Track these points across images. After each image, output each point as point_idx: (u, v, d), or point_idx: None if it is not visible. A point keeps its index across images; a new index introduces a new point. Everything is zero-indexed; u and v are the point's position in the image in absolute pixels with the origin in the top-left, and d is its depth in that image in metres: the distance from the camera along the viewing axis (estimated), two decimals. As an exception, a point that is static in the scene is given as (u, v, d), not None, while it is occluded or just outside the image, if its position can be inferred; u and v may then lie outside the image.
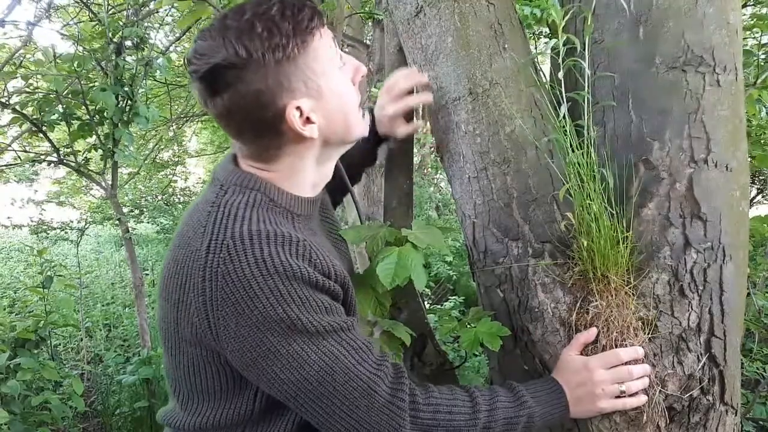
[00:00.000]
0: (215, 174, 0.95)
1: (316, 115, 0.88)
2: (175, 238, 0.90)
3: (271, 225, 0.84)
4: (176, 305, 0.84)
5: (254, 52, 0.80)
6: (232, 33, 0.81)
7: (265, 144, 0.89)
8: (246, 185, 0.90)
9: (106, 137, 3.17)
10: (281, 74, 0.83)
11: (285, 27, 0.82)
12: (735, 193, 1.15)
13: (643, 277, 1.11)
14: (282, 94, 0.84)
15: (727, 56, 1.15)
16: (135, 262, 3.50)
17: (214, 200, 0.88)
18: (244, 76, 0.81)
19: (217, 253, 0.79)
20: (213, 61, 0.81)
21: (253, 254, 0.79)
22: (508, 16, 1.22)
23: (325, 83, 0.88)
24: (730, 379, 1.13)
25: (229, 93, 0.83)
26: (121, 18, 3.44)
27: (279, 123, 0.86)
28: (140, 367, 3.20)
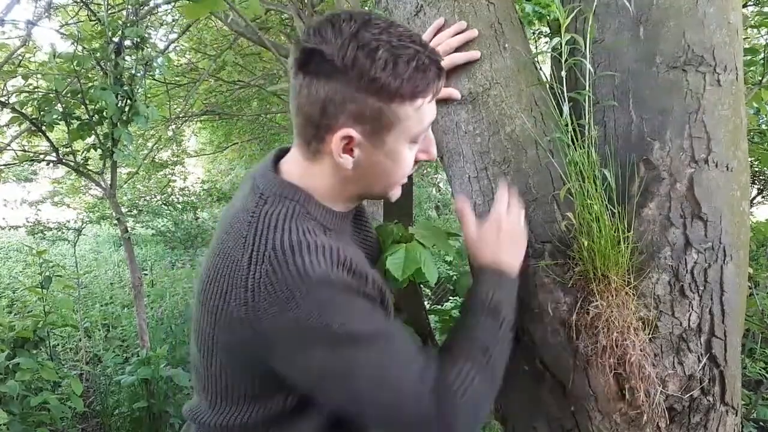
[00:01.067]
0: (255, 181, 0.93)
1: (361, 154, 0.87)
2: (215, 245, 0.91)
3: (309, 235, 0.84)
4: (215, 313, 0.84)
5: (358, 70, 0.79)
6: (357, 42, 0.79)
7: (308, 139, 0.88)
8: (285, 195, 0.89)
9: (106, 137, 3.17)
10: (362, 103, 0.81)
11: (404, 72, 0.80)
12: (735, 193, 1.15)
13: (643, 278, 1.11)
14: (347, 117, 0.83)
15: (727, 56, 1.15)
16: (134, 262, 3.49)
17: (254, 210, 0.88)
18: (333, 77, 0.80)
19: (260, 264, 0.80)
20: (322, 47, 0.79)
21: (295, 264, 0.79)
22: (508, 16, 1.22)
23: (393, 143, 0.87)
24: (730, 380, 1.13)
25: (312, 80, 0.82)
26: (121, 17, 3.44)
27: (326, 131, 0.85)
28: (139, 368, 3.19)
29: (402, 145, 0.88)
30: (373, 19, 0.81)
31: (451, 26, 1.18)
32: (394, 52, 0.79)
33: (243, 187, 1.00)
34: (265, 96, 8.45)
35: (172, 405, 3.32)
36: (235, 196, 1.01)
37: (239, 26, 5.35)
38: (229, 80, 7.62)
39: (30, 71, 3.29)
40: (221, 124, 9.88)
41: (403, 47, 0.79)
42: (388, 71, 0.79)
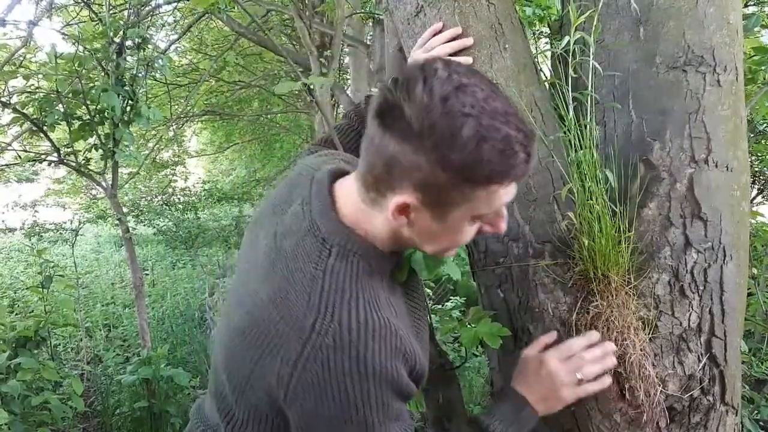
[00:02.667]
0: (313, 218, 0.88)
1: (417, 219, 0.81)
2: (265, 279, 0.87)
3: (374, 312, 0.82)
4: (257, 354, 0.83)
5: (436, 141, 0.70)
6: (444, 110, 0.69)
7: (368, 186, 0.82)
8: (350, 248, 0.85)
9: (107, 137, 3.17)
10: (432, 176, 0.73)
11: (487, 154, 0.70)
12: (735, 193, 1.15)
13: (643, 277, 1.11)
14: (411, 184, 0.76)
15: (727, 56, 1.15)
16: (135, 262, 3.50)
17: (318, 261, 0.84)
18: (407, 140, 0.72)
19: (322, 336, 0.78)
20: (403, 106, 0.71)
21: (357, 349, 0.78)
22: (508, 16, 1.22)
23: (454, 219, 0.80)
24: (730, 379, 1.13)
25: (386, 131, 0.74)
26: (122, 18, 3.45)
27: (386, 189, 0.79)
28: (140, 367, 3.20)
29: (464, 221, 0.81)
30: (472, 83, 0.72)
31: (446, 32, 1.19)
32: (481, 132, 0.69)
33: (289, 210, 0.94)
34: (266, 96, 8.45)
35: (173, 405, 3.32)
36: (275, 214, 0.96)
37: (240, 26, 5.35)
38: (230, 81, 7.63)
39: (31, 72, 3.29)
40: (222, 125, 9.89)
41: (494, 128, 0.70)
42: (467, 152, 0.69)
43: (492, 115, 0.70)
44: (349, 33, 5.62)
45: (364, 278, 0.85)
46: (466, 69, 0.74)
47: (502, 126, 0.70)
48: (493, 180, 0.73)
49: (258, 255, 0.93)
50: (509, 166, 0.72)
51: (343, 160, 1.10)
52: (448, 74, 0.71)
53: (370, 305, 0.83)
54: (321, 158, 1.09)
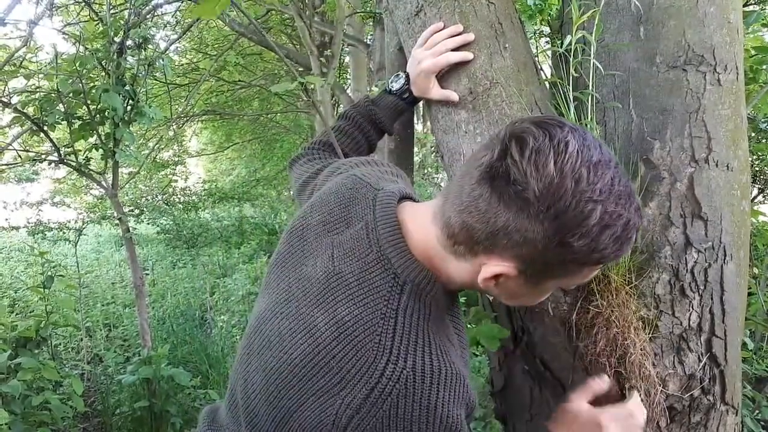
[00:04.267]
0: (382, 248, 0.84)
1: (508, 283, 0.79)
2: (324, 309, 0.82)
3: (446, 358, 0.80)
4: (315, 391, 0.78)
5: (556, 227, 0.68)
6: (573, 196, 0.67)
7: (459, 241, 0.78)
8: (423, 287, 0.82)
9: (107, 137, 3.18)
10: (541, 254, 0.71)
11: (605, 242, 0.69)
12: (736, 192, 1.15)
13: (644, 277, 1.11)
14: (514, 255, 0.73)
15: (727, 55, 1.15)
16: (135, 261, 3.50)
17: (389, 298, 0.80)
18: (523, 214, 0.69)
19: (393, 383, 0.75)
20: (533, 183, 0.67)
21: (428, 397, 0.76)
22: (508, 15, 1.22)
23: (550, 287, 0.82)
24: (730, 379, 1.13)
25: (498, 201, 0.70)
26: (123, 17, 3.45)
27: (482, 251, 0.76)
28: (140, 367, 3.20)
29: (555, 288, 0.82)
30: (604, 161, 0.69)
31: (448, 29, 1.18)
32: (605, 220, 0.68)
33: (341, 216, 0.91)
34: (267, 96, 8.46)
35: (174, 404, 3.33)
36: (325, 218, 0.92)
37: (240, 26, 5.35)
38: (230, 80, 7.63)
39: (31, 71, 3.29)
40: (222, 124, 9.91)
41: (617, 215, 0.69)
42: (590, 238, 0.68)
43: (617, 201, 0.69)
44: (349, 32, 5.63)
45: (435, 321, 0.83)
46: (591, 138, 0.71)
47: (624, 212, 0.70)
48: (602, 262, 0.73)
49: (308, 275, 0.87)
50: (621, 252, 0.72)
51: (392, 173, 1.08)
52: (578, 149, 0.68)
53: (441, 350, 0.80)
54: (372, 169, 1.05)
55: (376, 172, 1.03)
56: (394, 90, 1.29)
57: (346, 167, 1.09)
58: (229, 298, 6.01)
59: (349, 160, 1.14)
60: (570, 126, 0.71)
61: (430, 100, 1.26)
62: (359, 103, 1.32)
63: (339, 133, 1.29)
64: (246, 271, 6.74)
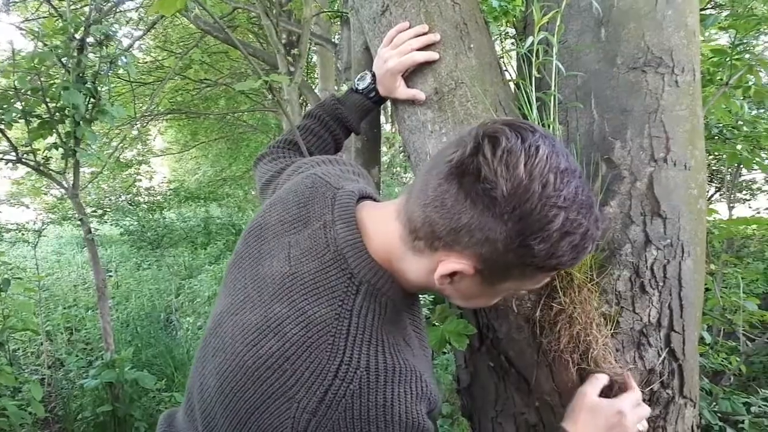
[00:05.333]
0: (339, 247, 0.83)
1: (463, 282, 0.79)
2: (277, 308, 0.80)
3: (399, 355, 0.80)
4: (268, 396, 0.76)
5: (520, 229, 0.69)
6: (540, 201, 0.68)
7: (419, 236, 0.78)
8: (380, 288, 0.82)
9: (68, 135, 3.10)
10: (501, 255, 0.72)
11: (564, 249, 0.71)
12: (693, 191, 1.18)
13: (605, 274, 1.13)
14: (473, 254, 0.74)
15: (685, 57, 1.18)
16: (98, 263, 3.42)
17: (344, 299, 0.80)
18: (488, 213, 0.70)
19: (347, 383, 0.74)
20: (501, 183, 0.68)
21: (384, 395, 0.75)
22: (473, 16, 1.23)
23: (504, 290, 0.82)
24: (688, 373, 1.16)
25: (465, 199, 0.71)
26: (84, 13, 3.37)
27: (441, 246, 0.76)
28: (103, 371, 3.13)
29: (509, 291, 0.82)
30: (570, 169, 0.71)
31: (413, 28, 1.19)
32: (566, 227, 0.70)
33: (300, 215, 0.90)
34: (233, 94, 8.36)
35: (138, 408, 3.26)
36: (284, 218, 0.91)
37: (206, 24, 5.28)
38: (196, 79, 7.52)
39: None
40: (188, 123, 9.76)
41: (578, 224, 0.70)
42: (551, 243, 0.70)
43: (579, 209, 0.70)
44: (316, 31, 5.60)
45: (392, 321, 0.83)
46: (560, 146, 0.72)
47: (584, 221, 0.71)
48: (557, 269, 0.75)
49: (264, 275, 0.86)
50: (577, 260, 0.74)
51: (353, 173, 1.06)
52: (548, 154, 0.69)
53: (396, 349, 0.80)
54: (332, 168, 1.04)
55: (337, 171, 1.03)
56: (360, 89, 1.28)
57: (307, 166, 1.08)
58: (194, 300, 5.93)
59: (311, 159, 1.13)
60: (541, 132, 0.72)
61: (397, 100, 1.26)
62: (325, 101, 1.31)
63: (305, 131, 1.28)
64: (212, 272, 6.66)
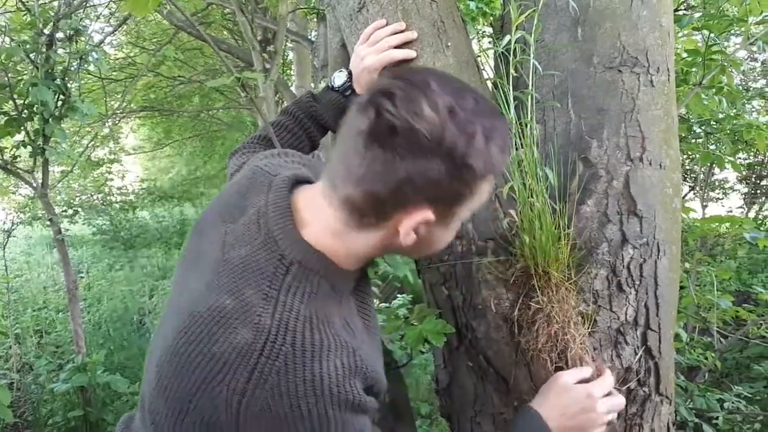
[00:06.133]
0: (270, 230, 0.82)
1: (425, 231, 0.79)
2: (208, 295, 0.79)
3: (329, 331, 0.78)
4: (197, 382, 0.74)
5: (454, 154, 0.71)
6: (455, 122, 0.70)
7: (365, 212, 0.78)
8: (311, 267, 0.80)
9: (36, 133, 3.02)
10: (449, 186, 0.74)
11: (492, 152, 0.73)
12: (668, 190, 1.19)
13: (582, 273, 1.14)
14: (425, 197, 0.75)
15: (660, 57, 1.19)
16: (68, 264, 3.34)
17: (273, 279, 0.78)
18: (419, 157, 0.71)
19: (273, 360, 0.73)
20: (416, 126, 0.70)
21: (312, 371, 0.73)
22: (450, 14, 1.22)
23: (457, 217, 0.81)
24: (664, 371, 1.17)
25: (392, 157, 0.71)
26: (53, 8, 3.29)
27: (395, 209, 0.76)
28: (74, 375, 3.06)
29: (463, 218, 0.83)
30: (464, 88, 0.74)
31: (390, 26, 1.18)
32: (488, 134, 0.72)
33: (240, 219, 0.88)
34: (207, 92, 8.26)
35: (111, 412, 3.21)
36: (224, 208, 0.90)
37: (179, 20, 5.20)
38: (169, 76, 7.41)
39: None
40: (161, 121, 9.61)
41: (495, 128, 0.73)
42: (480, 154, 0.72)
43: (488, 116, 0.73)
44: (292, 28, 5.56)
45: (322, 300, 0.81)
46: (441, 72, 0.75)
47: (497, 123, 0.74)
48: (495, 172, 0.77)
49: (201, 266, 0.85)
50: (506, 157, 0.77)
51: (299, 163, 1.04)
52: (438, 84, 0.72)
53: (325, 325, 0.78)
54: (276, 160, 1.03)
55: (281, 162, 1.01)
56: (336, 87, 1.27)
57: (256, 159, 1.06)
58: (169, 301, 5.84)
59: (261, 153, 1.11)
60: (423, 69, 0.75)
61: None
62: (301, 99, 1.29)
63: (279, 128, 1.26)
64: (187, 273, 6.56)
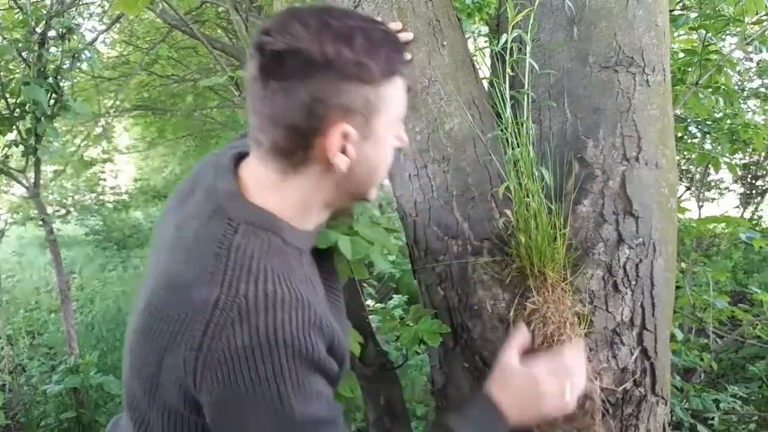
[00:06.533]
0: (219, 201, 0.84)
1: (354, 150, 0.81)
2: (168, 274, 0.81)
3: (285, 284, 0.78)
4: (162, 347, 0.76)
5: (341, 58, 0.74)
6: (330, 32, 0.74)
7: (291, 149, 0.80)
8: (259, 226, 0.82)
9: (28, 132, 3.00)
10: (351, 93, 0.77)
11: (381, 52, 0.77)
12: (664, 190, 1.19)
13: (578, 273, 1.13)
14: (338, 112, 0.77)
15: (655, 57, 1.19)
16: (60, 264, 3.32)
17: (223, 240, 0.79)
18: (316, 76, 0.74)
19: (227, 312, 0.73)
20: (296, 45, 0.73)
21: (265, 321, 0.73)
22: (446, 13, 1.22)
23: (381, 129, 0.82)
24: (660, 371, 1.17)
25: (290, 84, 0.75)
26: (45, 6, 3.27)
27: (314, 135, 0.78)
28: (67, 376, 3.03)
29: (387, 130, 0.84)
30: (332, 7, 0.79)
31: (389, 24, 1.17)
32: (368, 35, 0.76)
33: (191, 199, 0.90)
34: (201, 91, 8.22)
35: (104, 414, 3.18)
36: (178, 208, 0.92)
37: (173, 18, 5.18)
38: (163, 74, 7.38)
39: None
40: (154, 120, 9.56)
41: (372, 30, 0.77)
42: (367, 54, 0.75)
43: (364, 21, 0.77)
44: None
45: (275, 253, 0.81)
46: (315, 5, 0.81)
47: (377, 27, 0.78)
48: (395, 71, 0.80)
49: (160, 252, 0.88)
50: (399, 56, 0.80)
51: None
52: (308, 8, 0.77)
53: (281, 278, 0.78)
54: (228, 145, 1.05)
55: (234, 144, 1.03)
56: None
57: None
58: (162, 301, 5.82)
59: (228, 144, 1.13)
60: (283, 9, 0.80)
61: None
62: None
63: None
64: (180, 273, 6.54)
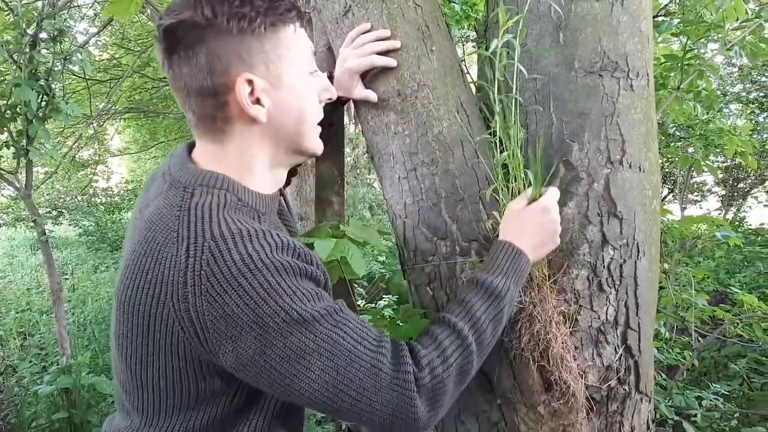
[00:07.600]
0: (173, 176, 0.89)
1: (267, 99, 0.87)
2: (135, 248, 0.83)
3: (248, 224, 0.81)
4: (147, 316, 0.79)
5: (219, 15, 0.81)
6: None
7: (211, 114, 0.87)
8: (213, 185, 0.86)
9: (19, 134, 3.00)
10: (241, 45, 0.83)
11: (257, 3, 0.83)
12: (647, 192, 1.21)
13: (563, 273, 1.16)
14: (236, 65, 0.84)
15: (639, 62, 1.21)
16: (52, 266, 3.32)
17: (181, 204, 0.83)
18: (205, 37, 0.81)
19: (199, 256, 0.75)
20: (180, 17, 0.81)
21: (238, 251, 0.76)
22: (435, 19, 1.24)
23: (288, 75, 0.89)
24: (644, 369, 1.20)
25: (187, 53, 0.82)
26: (36, 8, 3.26)
27: (224, 92, 0.85)
28: (59, 377, 3.04)
29: (298, 75, 0.90)
30: None
31: (376, 31, 1.20)
32: None
33: (152, 186, 0.95)
34: (194, 93, 8.19)
35: (96, 414, 3.18)
36: (144, 198, 0.95)
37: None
38: (155, 77, 7.36)
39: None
40: (146, 122, 9.54)
41: None
42: (247, 7, 0.82)
43: None
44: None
45: (232, 207, 0.84)
46: None
47: None
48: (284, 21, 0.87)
49: (131, 234, 0.91)
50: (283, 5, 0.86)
51: None
52: None
53: (242, 221, 0.81)
54: None
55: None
56: None
57: None
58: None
59: None
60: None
61: (358, 102, 1.26)
62: None
63: None
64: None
